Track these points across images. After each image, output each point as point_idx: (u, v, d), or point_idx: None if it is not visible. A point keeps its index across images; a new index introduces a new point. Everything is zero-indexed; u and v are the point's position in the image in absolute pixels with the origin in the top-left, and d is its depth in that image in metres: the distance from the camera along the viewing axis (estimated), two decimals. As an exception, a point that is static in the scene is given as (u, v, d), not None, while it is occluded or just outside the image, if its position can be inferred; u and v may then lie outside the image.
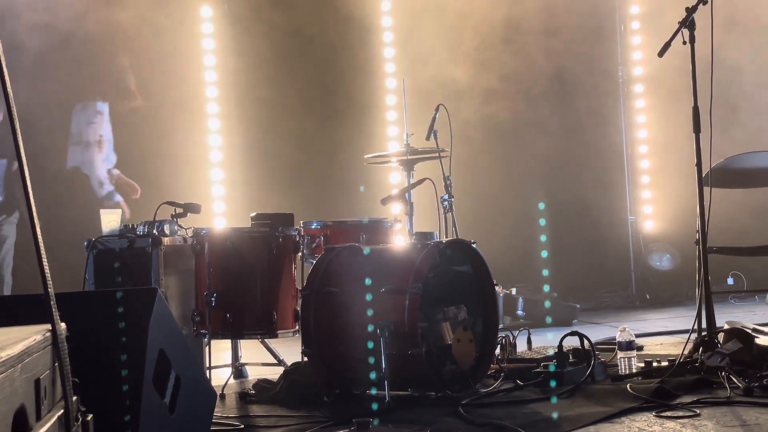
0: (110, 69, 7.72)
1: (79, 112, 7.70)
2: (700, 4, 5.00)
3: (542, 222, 7.49)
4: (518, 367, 5.00)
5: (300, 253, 5.28)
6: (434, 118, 5.94)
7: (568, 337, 4.85)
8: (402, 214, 5.76)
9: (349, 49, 8.30)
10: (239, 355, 5.55)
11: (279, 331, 5.07)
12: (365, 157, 6.31)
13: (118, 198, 7.62)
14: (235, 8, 8.27)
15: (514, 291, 7.48)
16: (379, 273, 4.69)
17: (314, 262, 5.01)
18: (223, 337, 5.14)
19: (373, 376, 4.47)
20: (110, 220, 5.31)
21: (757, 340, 4.88)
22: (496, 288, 5.03)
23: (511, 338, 5.35)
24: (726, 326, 5.16)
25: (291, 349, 5.63)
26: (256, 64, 8.21)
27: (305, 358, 4.82)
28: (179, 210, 5.33)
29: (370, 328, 4.48)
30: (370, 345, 4.48)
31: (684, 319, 7.15)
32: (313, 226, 5.48)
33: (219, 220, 8.12)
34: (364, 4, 8.29)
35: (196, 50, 8.32)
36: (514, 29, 8.21)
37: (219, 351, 5.61)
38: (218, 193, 8.27)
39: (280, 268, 5.10)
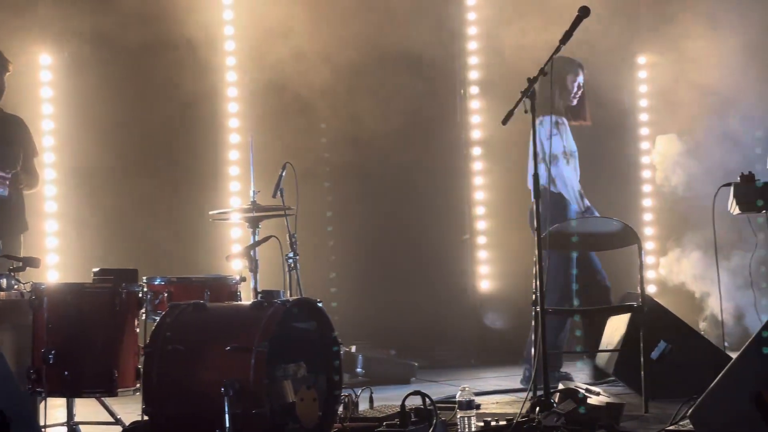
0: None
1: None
2: (541, 75, 5.21)
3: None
4: (361, 426, 5.03)
5: (143, 310, 5.21)
6: (281, 176, 5.96)
7: (410, 396, 4.92)
8: (247, 271, 5.75)
9: (194, 103, 8.23)
10: (74, 413, 5.38)
11: (119, 390, 4.96)
12: (211, 213, 6.28)
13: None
14: (75, 57, 8.12)
15: (353, 348, 7.51)
16: (224, 330, 4.67)
17: (158, 318, 4.94)
18: (61, 395, 4.99)
19: (216, 435, 4.42)
20: (-56, 272, 5.11)
21: (590, 400, 5.08)
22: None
23: (354, 397, 5.38)
24: (561, 386, 5.33)
25: (130, 408, 5.52)
26: (95, 114, 8.07)
27: (146, 417, 4.73)
28: (17, 264, 5.18)
29: (215, 386, 4.44)
30: (214, 404, 4.43)
31: (518, 377, 7.32)
32: (156, 282, 5.41)
33: (52, 273, 7.91)
34: (210, 61, 8.25)
35: (34, 98, 8.13)
36: (356, 89, 8.32)
37: (52, 408, 5.44)
38: (52, 245, 8.06)
39: (123, 325, 5.00)
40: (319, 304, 4.94)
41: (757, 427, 4.03)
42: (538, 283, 5.34)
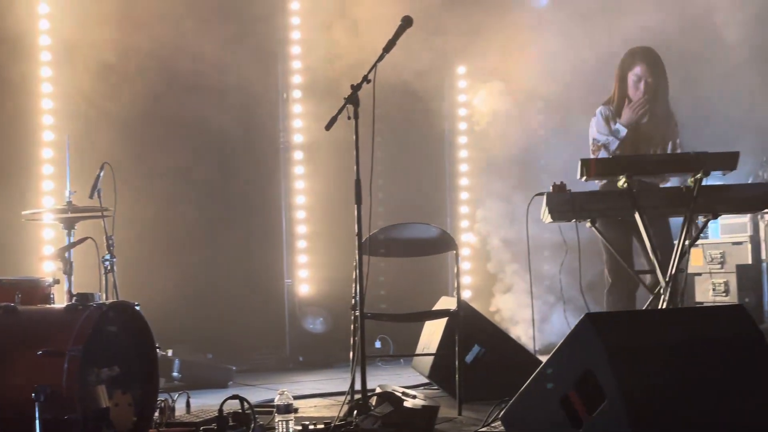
0: None
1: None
2: (364, 82, 5.27)
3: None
4: (177, 431, 4.98)
5: (-52, 313, 4.98)
6: (98, 177, 5.84)
7: (228, 401, 4.90)
8: (61, 273, 5.60)
9: (4, 98, 7.90)
10: None
11: None
12: (24, 213, 6.07)
13: None
14: None
15: (170, 352, 7.39)
16: (36, 334, 4.53)
17: (-36, 322, 4.74)
18: None
19: (26, 443, 4.28)
20: None
21: (406, 403, 5.16)
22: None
23: (171, 401, 5.31)
24: (378, 390, 5.40)
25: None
26: None
27: (-52, 425, 4.55)
28: None
29: (25, 391, 4.30)
30: (24, 410, 4.29)
31: (336, 381, 7.40)
32: (-38, 285, 5.20)
33: None
34: (23, 55, 7.95)
35: None
36: (175, 89, 8.21)
37: None
38: None
39: (-74, 329, 4.77)
40: (137, 308, 4.86)
41: (564, 428, 4.18)
42: (357, 287, 5.40)
